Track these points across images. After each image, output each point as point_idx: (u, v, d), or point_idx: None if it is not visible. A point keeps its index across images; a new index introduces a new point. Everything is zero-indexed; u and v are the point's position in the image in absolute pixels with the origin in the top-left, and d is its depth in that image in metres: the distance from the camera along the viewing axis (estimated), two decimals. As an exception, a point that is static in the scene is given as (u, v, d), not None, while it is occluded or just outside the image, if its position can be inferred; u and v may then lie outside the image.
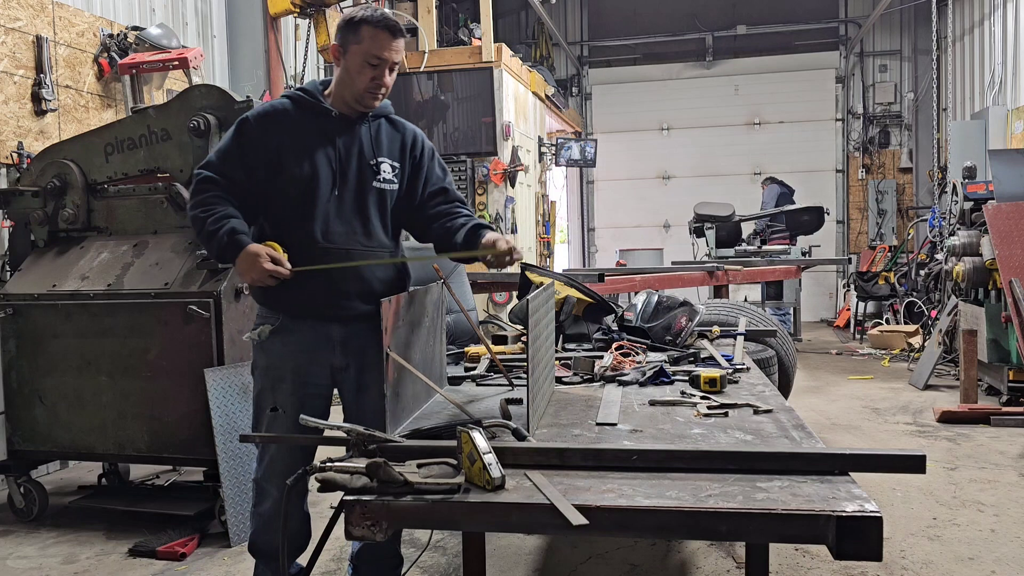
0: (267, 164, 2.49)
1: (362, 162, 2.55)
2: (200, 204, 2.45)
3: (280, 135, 2.50)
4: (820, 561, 3.27)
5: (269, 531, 2.61)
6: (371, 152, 2.56)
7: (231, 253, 2.38)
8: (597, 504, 1.54)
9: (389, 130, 2.64)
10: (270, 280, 2.38)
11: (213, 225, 2.40)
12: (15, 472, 3.96)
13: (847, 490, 1.58)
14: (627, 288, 5.90)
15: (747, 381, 2.71)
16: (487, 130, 8.14)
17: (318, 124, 2.52)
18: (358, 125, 2.56)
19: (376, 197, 2.56)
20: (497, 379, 2.78)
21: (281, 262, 2.37)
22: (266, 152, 2.49)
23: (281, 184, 2.49)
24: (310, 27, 6.45)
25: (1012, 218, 6.08)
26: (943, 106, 10.51)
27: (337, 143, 2.52)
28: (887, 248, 11.88)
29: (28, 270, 4.03)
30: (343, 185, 2.51)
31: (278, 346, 2.54)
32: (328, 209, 2.50)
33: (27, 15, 4.79)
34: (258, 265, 2.34)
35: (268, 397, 2.56)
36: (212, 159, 2.53)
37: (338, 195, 2.51)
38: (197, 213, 2.45)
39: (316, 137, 2.51)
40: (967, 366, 5.96)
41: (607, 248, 13.97)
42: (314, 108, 2.53)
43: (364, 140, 2.56)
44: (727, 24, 13.48)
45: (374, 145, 2.57)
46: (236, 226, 2.40)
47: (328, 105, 2.53)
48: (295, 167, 2.48)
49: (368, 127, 2.58)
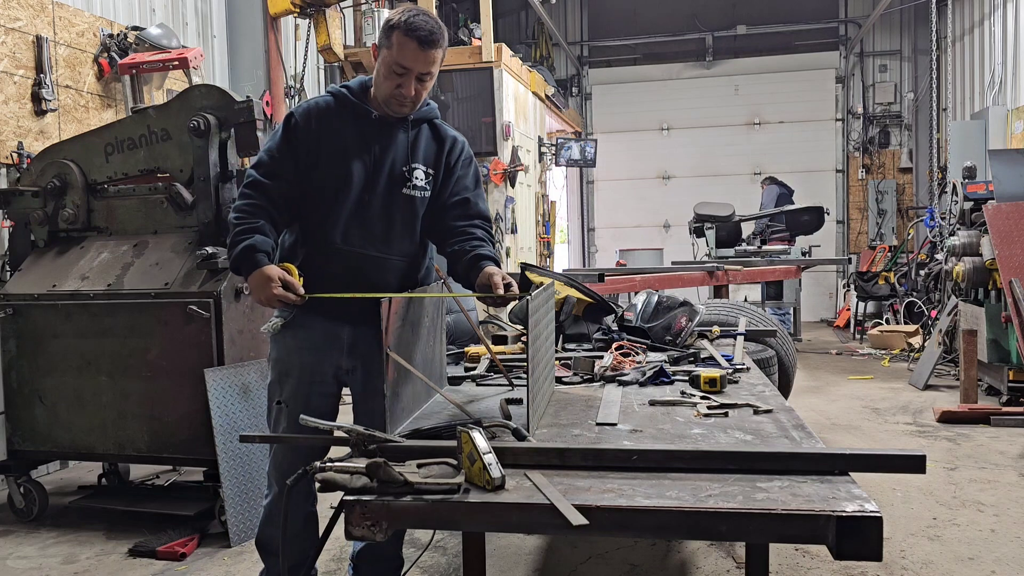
0: (308, 160, 2.48)
1: (395, 167, 2.51)
2: (237, 210, 2.45)
3: (320, 132, 2.49)
4: (820, 561, 3.27)
5: (270, 525, 2.64)
6: (406, 157, 2.53)
7: (245, 269, 2.38)
8: (597, 504, 1.54)
9: (429, 135, 2.60)
10: (278, 304, 2.38)
11: (238, 236, 2.39)
12: (15, 472, 3.96)
13: (847, 490, 1.58)
14: (627, 288, 5.90)
15: (747, 381, 2.71)
16: (487, 130, 8.14)
17: (357, 125, 2.50)
18: (397, 129, 2.52)
19: (404, 203, 2.53)
20: (497, 379, 2.78)
21: (293, 287, 2.35)
22: (308, 148, 2.48)
23: (315, 181, 2.48)
24: (310, 27, 6.45)
25: (1012, 218, 6.08)
26: (943, 106, 10.51)
27: (373, 146, 2.50)
28: (887, 248, 11.88)
29: (28, 270, 4.03)
30: (372, 188, 2.49)
31: (289, 340, 2.56)
32: (353, 211, 2.48)
33: (27, 15, 4.79)
34: (268, 289, 2.33)
35: (276, 389, 2.58)
36: (263, 158, 2.52)
37: (367, 198, 2.49)
38: (231, 218, 2.46)
39: (353, 138, 2.49)
40: (967, 366, 5.96)
41: (607, 248, 13.97)
42: (355, 108, 2.51)
43: (401, 144, 2.53)
44: (727, 24, 13.48)
45: (410, 150, 2.53)
46: (257, 243, 2.37)
47: (369, 106, 2.50)
48: (329, 166, 2.47)
49: (407, 132, 2.54)
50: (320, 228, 2.50)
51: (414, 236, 2.58)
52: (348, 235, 2.49)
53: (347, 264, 2.49)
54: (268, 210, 2.44)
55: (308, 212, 2.52)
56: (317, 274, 2.47)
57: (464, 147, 2.67)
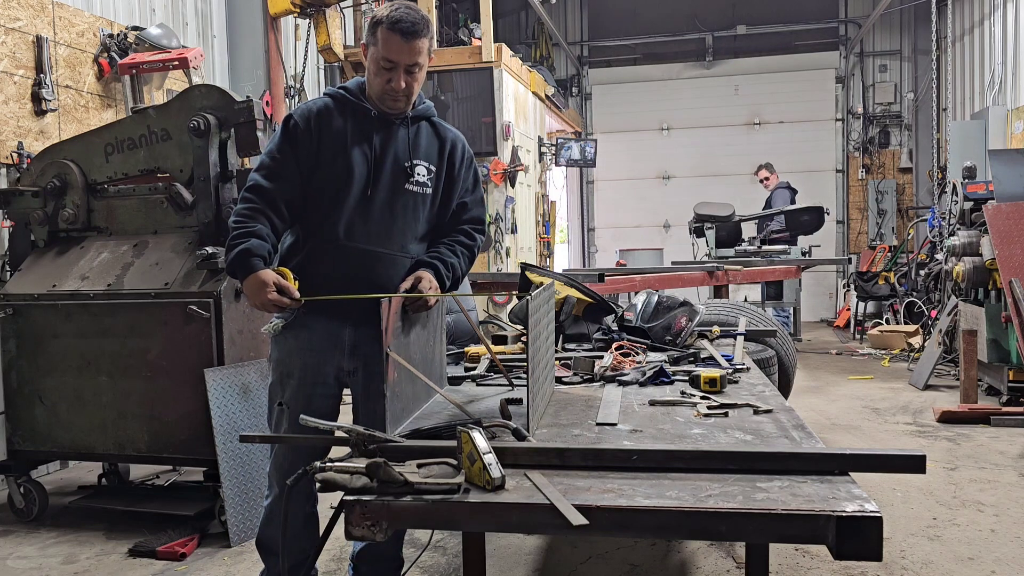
0: (308, 161, 2.49)
1: (397, 164, 2.53)
2: (237, 213, 2.47)
3: (320, 132, 2.50)
4: (820, 561, 3.27)
5: (270, 525, 2.64)
6: (407, 154, 2.55)
7: (241, 274, 2.39)
8: (597, 504, 1.54)
9: (429, 133, 2.62)
10: (273, 309, 2.39)
11: (234, 240, 2.40)
12: (15, 472, 3.96)
13: (847, 490, 1.58)
14: (627, 288, 5.90)
15: (747, 381, 2.71)
16: (487, 130, 8.14)
17: (356, 123, 2.52)
18: (397, 126, 2.55)
19: (408, 200, 2.55)
20: (497, 379, 2.78)
21: (288, 291, 2.37)
22: (308, 149, 2.49)
23: (317, 181, 2.49)
24: (310, 27, 6.46)
25: (1012, 218, 6.08)
26: (943, 106, 10.51)
27: (374, 143, 2.52)
28: (887, 248, 11.88)
29: (28, 270, 4.03)
30: (375, 185, 2.50)
31: (290, 341, 2.56)
32: (355, 207, 2.49)
33: (27, 15, 4.79)
34: (262, 294, 2.35)
35: (277, 390, 2.59)
36: (264, 160, 2.52)
37: (369, 195, 2.50)
38: (231, 221, 2.47)
39: (354, 136, 2.51)
40: (967, 366, 5.96)
41: (607, 248, 13.97)
42: (354, 107, 2.53)
43: (401, 141, 2.55)
44: (727, 24, 13.49)
45: (411, 147, 2.55)
46: (253, 247, 2.38)
47: (367, 105, 2.52)
48: (331, 165, 2.48)
49: (407, 129, 2.56)
50: (323, 225, 2.50)
51: (416, 232, 2.59)
52: (351, 231, 2.50)
53: (349, 260, 2.50)
54: (267, 214, 2.45)
55: (311, 211, 2.52)
56: (319, 271, 2.47)
57: (465, 148, 2.69)
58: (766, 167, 10.82)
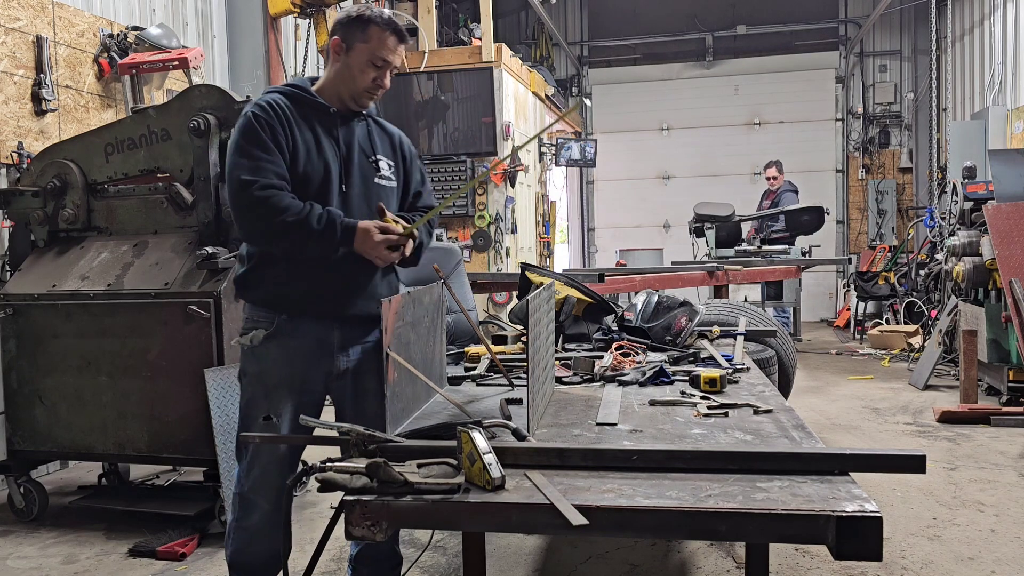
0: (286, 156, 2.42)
1: (364, 159, 2.55)
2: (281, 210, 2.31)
3: (290, 128, 2.44)
4: (820, 561, 3.27)
5: (257, 544, 2.48)
6: (370, 149, 2.57)
7: (346, 238, 2.35)
8: (597, 504, 1.54)
9: (378, 129, 2.66)
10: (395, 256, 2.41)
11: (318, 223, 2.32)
12: (15, 472, 3.96)
13: (847, 490, 1.58)
14: (627, 288, 5.90)
15: (747, 381, 2.71)
16: (487, 130, 8.14)
17: (319, 120, 2.51)
18: (354, 123, 2.57)
19: (380, 194, 2.56)
20: (497, 379, 2.78)
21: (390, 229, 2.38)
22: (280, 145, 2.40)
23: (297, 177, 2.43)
24: (310, 27, 6.46)
25: (1012, 218, 6.08)
26: (943, 106, 10.50)
27: (339, 139, 2.52)
28: (887, 248, 11.87)
29: (28, 270, 4.03)
30: (348, 181, 2.50)
31: (273, 351, 2.46)
32: (337, 204, 2.47)
33: (27, 15, 4.79)
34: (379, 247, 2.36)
35: (260, 405, 2.46)
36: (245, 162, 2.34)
37: (344, 191, 2.49)
38: (285, 218, 2.30)
39: (319, 133, 2.49)
40: (967, 366, 5.96)
41: (607, 248, 13.96)
42: (312, 104, 2.50)
43: (361, 137, 2.57)
44: (727, 24, 13.48)
45: (371, 143, 2.59)
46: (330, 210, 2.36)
47: (323, 101, 2.51)
48: (303, 163, 2.43)
49: (364, 125, 2.60)
50: None
51: None
52: None
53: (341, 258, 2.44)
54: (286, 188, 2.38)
55: None
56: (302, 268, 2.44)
57: (409, 143, 2.77)
58: (775, 165, 10.45)
